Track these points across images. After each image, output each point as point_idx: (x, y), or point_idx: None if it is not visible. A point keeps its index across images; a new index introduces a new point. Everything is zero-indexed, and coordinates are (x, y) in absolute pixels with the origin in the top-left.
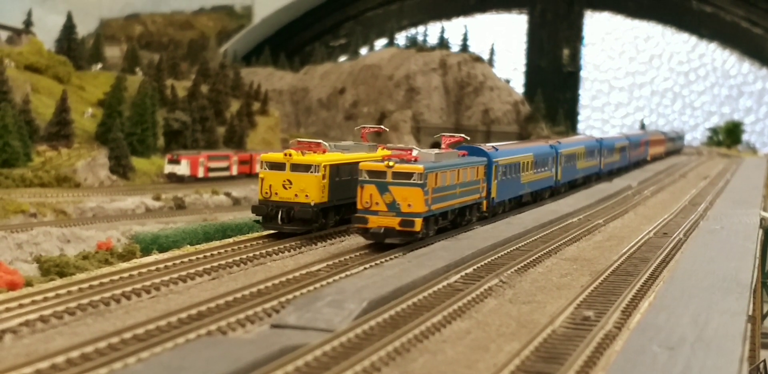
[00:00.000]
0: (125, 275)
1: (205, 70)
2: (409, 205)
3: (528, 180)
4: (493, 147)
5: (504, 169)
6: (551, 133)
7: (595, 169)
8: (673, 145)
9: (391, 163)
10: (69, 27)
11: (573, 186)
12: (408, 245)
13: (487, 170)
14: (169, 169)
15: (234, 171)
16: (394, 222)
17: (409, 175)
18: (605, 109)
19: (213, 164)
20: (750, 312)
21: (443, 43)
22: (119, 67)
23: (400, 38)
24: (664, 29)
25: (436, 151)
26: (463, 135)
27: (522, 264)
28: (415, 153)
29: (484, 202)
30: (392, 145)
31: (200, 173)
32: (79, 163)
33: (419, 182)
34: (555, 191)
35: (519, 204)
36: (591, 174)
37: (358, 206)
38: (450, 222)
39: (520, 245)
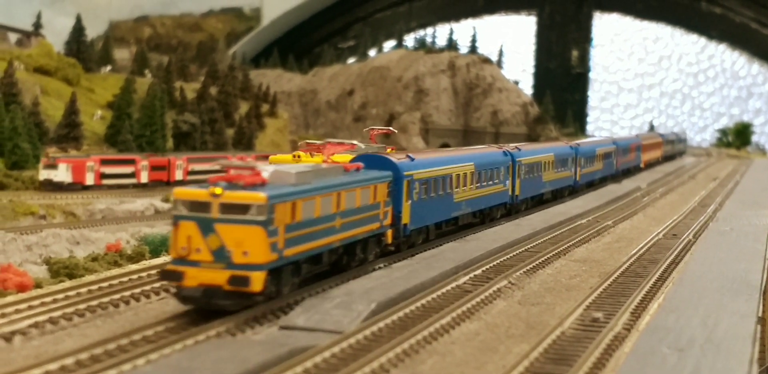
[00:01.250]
0: (134, 277)
1: (214, 72)
2: (244, 253)
3: (463, 198)
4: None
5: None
6: (560, 135)
7: (568, 181)
8: (672, 148)
9: (217, 190)
10: (78, 29)
11: (540, 201)
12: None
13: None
14: (44, 174)
15: (143, 178)
16: (220, 277)
17: (243, 208)
18: (614, 111)
19: (109, 169)
20: (760, 314)
21: (452, 45)
22: (128, 69)
23: (409, 40)
24: (674, 30)
25: (305, 166)
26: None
27: (531, 266)
28: (267, 171)
29: (389, 232)
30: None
31: (89, 180)
32: None
33: (260, 218)
34: (512, 209)
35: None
36: (564, 187)
37: (171, 254)
38: (330, 265)
39: (529, 246)
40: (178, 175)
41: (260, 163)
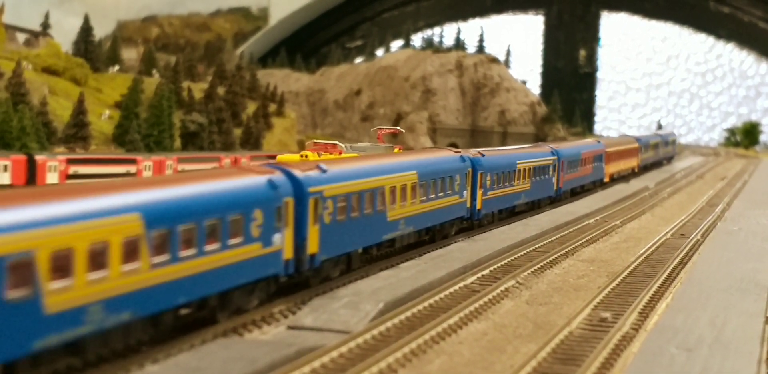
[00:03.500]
0: None
1: (222, 71)
2: None
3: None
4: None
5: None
6: (568, 134)
7: (459, 211)
8: (655, 153)
9: None
10: (86, 29)
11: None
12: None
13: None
14: None
15: None
16: None
17: None
18: (622, 110)
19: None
20: None
21: (459, 44)
22: (136, 69)
23: (416, 39)
24: (681, 30)
25: None
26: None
27: (539, 266)
28: None
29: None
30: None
31: None
32: None
33: None
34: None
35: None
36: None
37: None
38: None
39: (536, 246)
40: None
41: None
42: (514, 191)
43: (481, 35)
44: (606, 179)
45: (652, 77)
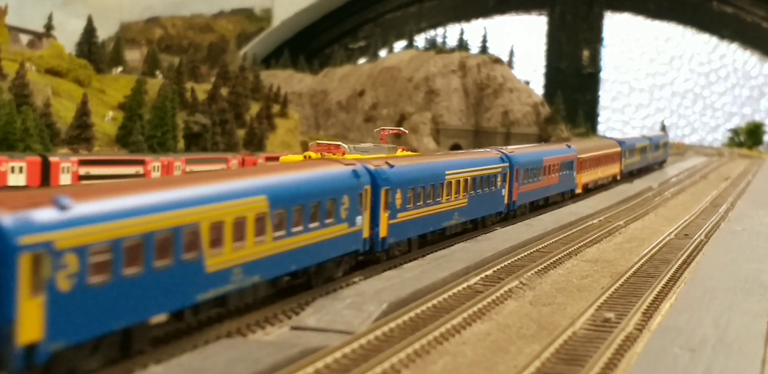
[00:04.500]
0: None
1: (225, 72)
2: None
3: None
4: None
5: None
6: (571, 135)
7: (348, 244)
8: (641, 158)
9: None
10: (89, 30)
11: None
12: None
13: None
14: None
15: None
16: None
17: None
18: (625, 111)
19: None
20: None
21: (462, 45)
22: (139, 71)
23: (420, 40)
24: (685, 30)
25: None
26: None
27: (542, 266)
28: None
29: None
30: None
31: None
32: None
33: None
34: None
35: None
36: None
37: None
38: None
39: (540, 247)
40: None
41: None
42: (440, 210)
43: (484, 36)
44: (578, 190)
45: (656, 77)
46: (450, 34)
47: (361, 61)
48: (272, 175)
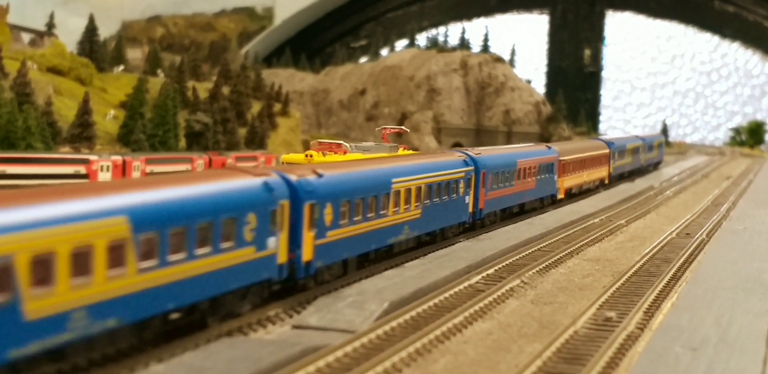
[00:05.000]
0: None
1: (227, 71)
2: None
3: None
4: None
5: None
6: (573, 134)
7: (256, 272)
8: (633, 160)
9: None
10: (91, 29)
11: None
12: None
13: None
14: None
15: None
16: None
17: None
18: (627, 110)
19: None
20: None
21: (464, 44)
22: (141, 69)
23: (421, 39)
24: (686, 29)
25: None
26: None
27: (544, 265)
28: None
29: None
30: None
31: None
32: None
33: None
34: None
35: None
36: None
37: None
38: None
39: (541, 246)
40: None
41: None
42: (385, 224)
43: (486, 35)
44: (560, 195)
45: (657, 76)
46: (451, 32)
47: (363, 59)
48: (140, 190)
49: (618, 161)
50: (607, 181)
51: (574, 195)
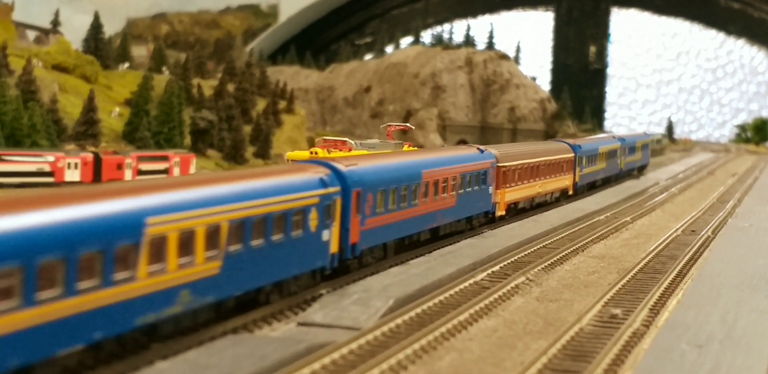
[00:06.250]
0: None
1: (232, 68)
2: None
3: None
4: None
5: None
6: (578, 131)
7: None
8: (608, 165)
9: None
10: (96, 27)
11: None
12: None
13: None
14: None
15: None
16: None
17: None
18: (632, 107)
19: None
20: None
21: (469, 41)
22: (146, 67)
23: (426, 36)
24: (692, 26)
25: None
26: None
27: (549, 262)
28: None
29: None
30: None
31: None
32: None
33: None
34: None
35: None
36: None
37: None
38: None
39: (546, 243)
40: None
41: None
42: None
43: (491, 32)
44: (499, 211)
45: (663, 73)
46: (456, 30)
47: (368, 57)
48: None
49: (587, 167)
50: (571, 192)
51: (522, 210)
